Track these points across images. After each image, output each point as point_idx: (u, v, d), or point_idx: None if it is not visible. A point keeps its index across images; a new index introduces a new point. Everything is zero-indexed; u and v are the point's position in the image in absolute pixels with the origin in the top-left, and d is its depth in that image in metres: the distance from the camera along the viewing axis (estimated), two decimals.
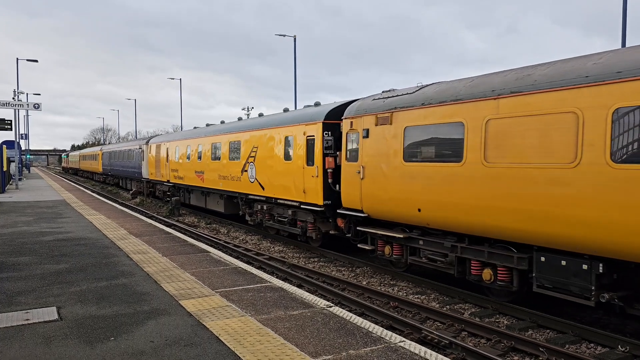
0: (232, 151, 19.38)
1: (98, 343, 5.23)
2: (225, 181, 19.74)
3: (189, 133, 26.00)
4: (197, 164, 23.14)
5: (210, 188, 21.62)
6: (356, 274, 12.80)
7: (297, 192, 14.68)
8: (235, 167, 18.84)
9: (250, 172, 17.53)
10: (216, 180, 20.66)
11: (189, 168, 24.22)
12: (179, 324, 5.79)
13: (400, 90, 11.76)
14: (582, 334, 8.28)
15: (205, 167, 22.03)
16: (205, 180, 21.98)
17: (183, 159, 25.23)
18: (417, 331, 8.47)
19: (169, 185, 28.18)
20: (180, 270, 8.60)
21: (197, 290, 7.28)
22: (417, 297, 10.74)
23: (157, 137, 32.98)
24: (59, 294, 7.13)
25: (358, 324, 5.76)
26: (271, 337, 5.32)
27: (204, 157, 22.37)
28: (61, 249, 10.55)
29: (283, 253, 15.65)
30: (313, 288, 11.42)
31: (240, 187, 18.43)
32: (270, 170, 16.24)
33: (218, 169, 20.51)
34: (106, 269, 8.65)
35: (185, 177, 24.94)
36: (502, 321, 9.24)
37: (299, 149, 14.65)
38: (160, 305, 6.54)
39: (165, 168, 28.22)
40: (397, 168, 10.95)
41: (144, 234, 12.90)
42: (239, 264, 9.13)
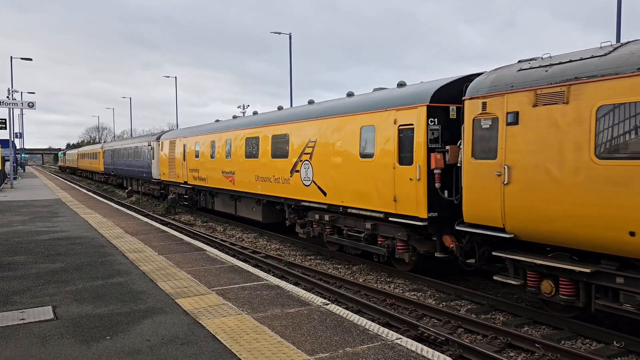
0: (276, 147, 15.96)
1: (94, 342, 5.21)
2: (266, 184, 16.41)
3: (213, 126, 22.16)
4: (225, 163, 19.69)
5: (243, 192, 18.18)
6: (353, 272, 12.81)
7: (381, 200, 11.36)
8: (281, 167, 15.49)
9: (304, 172, 14.22)
10: (252, 183, 17.32)
11: (214, 168, 20.70)
12: (175, 322, 5.78)
13: (569, 54, 8.32)
14: (578, 330, 8.30)
15: (236, 166, 18.63)
16: (237, 182, 18.59)
17: (205, 157, 21.70)
18: (413, 328, 8.48)
19: (187, 187, 24.59)
20: (176, 268, 8.58)
21: (194, 288, 7.27)
22: (413, 294, 10.76)
23: (170, 132, 29.32)
24: (55, 293, 7.11)
25: (355, 321, 5.77)
26: (268, 335, 5.32)
27: (235, 154, 18.82)
28: (56, 248, 10.51)
29: (280, 251, 15.64)
30: (310, 286, 11.42)
31: (288, 192, 15.08)
32: (337, 171, 12.86)
33: (255, 168, 17.09)
34: (102, 268, 8.63)
35: (208, 178, 21.39)
36: (499, 317, 9.27)
37: (386, 142, 11.24)
38: (156, 304, 6.53)
39: (182, 168, 24.70)
40: (581, 169, 7.55)
41: (139, 232, 12.87)
42: (235, 262, 9.12)
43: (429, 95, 10.30)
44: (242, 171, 18.21)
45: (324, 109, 14.01)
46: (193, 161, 23.25)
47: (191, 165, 23.48)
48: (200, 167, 22.37)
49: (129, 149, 36.52)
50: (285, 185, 15.20)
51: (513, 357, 7.48)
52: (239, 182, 18.41)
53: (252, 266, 13.13)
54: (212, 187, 21.19)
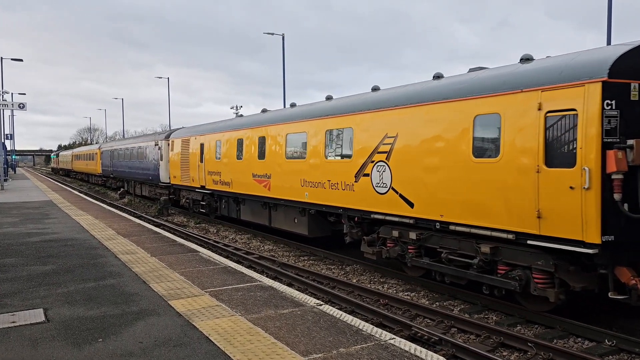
0: (332, 145, 13.26)
1: (86, 345, 5.17)
2: (317, 190, 13.51)
3: (238, 122, 19.29)
4: (256, 165, 16.72)
5: (282, 199, 15.32)
6: (346, 272, 12.81)
7: (512, 216, 8.50)
8: (340, 170, 12.63)
9: (377, 177, 11.25)
10: (296, 189, 14.44)
11: (241, 170, 17.77)
12: (169, 324, 5.75)
13: None
14: (570, 328, 8.35)
15: (273, 169, 15.71)
16: (274, 187, 15.67)
17: (230, 158, 18.79)
18: (407, 328, 8.49)
19: (204, 192, 21.55)
20: (169, 270, 8.54)
21: (187, 290, 7.24)
22: (406, 295, 10.78)
23: (182, 129, 25.85)
24: (46, 295, 7.05)
25: (348, 322, 5.77)
26: (262, 336, 5.30)
27: (271, 154, 15.87)
28: (48, 250, 10.44)
29: (273, 252, 15.62)
30: (303, 287, 11.40)
31: (351, 200, 12.19)
32: (433, 176, 9.84)
33: (301, 171, 14.18)
34: (94, 270, 8.57)
35: (233, 182, 18.51)
36: (491, 317, 9.30)
37: (522, 136, 8.30)
38: (149, 305, 6.49)
39: (199, 170, 21.70)
40: None
41: (132, 234, 12.80)
42: (228, 264, 9.09)
43: (607, 66, 7.29)
44: (281, 175, 15.22)
45: (408, 95, 10.84)
46: (213, 162, 20.26)
47: (210, 167, 20.52)
48: (222, 170, 19.41)
49: (132, 149, 33.56)
50: (346, 192, 12.25)
51: (506, 357, 7.50)
52: (277, 188, 15.45)
53: (246, 267, 13.12)
54: (238, 193, 18.21)
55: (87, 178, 56.14)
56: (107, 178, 43.75)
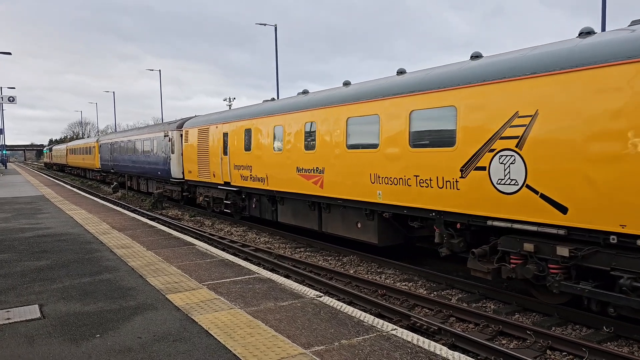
0: (419, 130, 10.25)
1: (83, 341, 5.09)
2: (396, 188, 10.67)
3: (275, 106, 16.05)
4: (302, 157, 13.91)
5: (340, 199, 12.58)
6: (343, 263, 12.79)
7: None
8: (433, 162, 9.82)
9: (501, 170, 8.52)
10: (363, 186, 11.67)
11: (281, 163, 15.03)
12: (167, 318, 5.68)
13: None
14: (568, 316, 8.38)
15: (328, 161, 12.90)
16: (328, 184, 12.89)
17: (264, 149, 16.03)
18: (406, 318, 8.49)
19: (228, 190, 18.99)
20: (165, 263, 8.46)
21: (184, 283, 7.16)
22: (404, 285, 10.77)
23: (199, 117, 22.74)
24: (41, 291, 6.95)
25: (349, 313, 5.72)
26: (262, 329, 5.24)
27: (324, 144, 13.04)
28: (42, 245, 10.31)
29: (269, 244, 15.56)
30: (301, 278, 11.37)
31: (451, 202, 9.48)
32: (607, 170, 7.17)
33: (372, 164, 11.35)
34: (89, 265, 8.47)
35: (269, 177, 15.76)
36: (489, 306, 9.31)
37: None
38: (146, 300, 6.41)
39: (222, 164, 18.96)
40: None
41: (127, 228, 12.69)
42: (225, 256, 9.02)
43: None
44: (340, 169, 12.42)
45: (555, 57, 7.91)
46: (241, 155, 17.53)
47: (237, 161, 17.81)
48: (254, 163, 16.63)
49: (137, 141, 30.64)
50: (445, 191, 9.53)
51: (505, 345, 7.51)
52: (333, 185, 12.72)
53: (243, 260, 13.05)
54: (275, 191, 15.58)
55: (84, 173, 53.15)
56: (106, 173, 40.84)
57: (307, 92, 15.23)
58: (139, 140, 30.16)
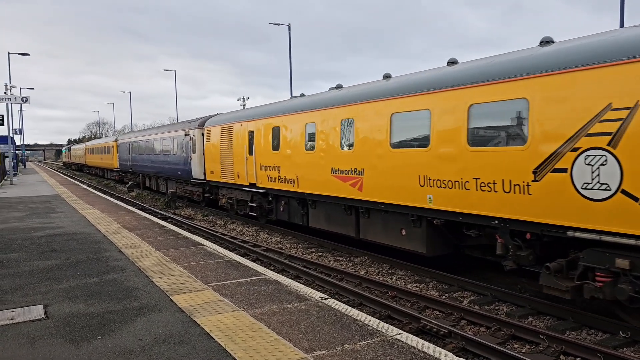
0: (479, 126, 9.19)
1: (84, 342, 5.05)
2: (451, 192, 9.52)
3: (308, 102, 14.81)
4: (339, 157, 12.80)
5: (382, 203, 11.44)
6: (354, 264, 12.68)
7: None
8: (500, 163, 8.63)
9: (587, 173, 7.45)
10: (410, 190, 10.48)
11: (313, 163, 13.94)
12: (170, 320, 5.61)
13: None
14: (583, 320, 8.17)
15: (368, 161, 11.71)
16: (369, 187, 11.72)
17: (295, 148, 14.92)
18: (415, 321, 8.35)
19: (253, 192, 17.89)
20: (172, 264, 8.42)
21: (189, 284, 7.10)
22: (415, 286, 10.62)
23: (221, 115, 21.84)
24: (47, 291, 6.94)
25: (354, 316, 5.59)
26: (264, 332, 5.14)
27: (363, 142, 11.87)
28: (52, 245, 10.36)
29: (280, 244, 15.50)
30: (310, 279, 11.29)
31: (521, 209, 8.36)
32: None
33: (420, 165, 10.18)
34: (97, 265, 8.47)
35: (300, 179, 14.68)
36: (502, 308, 9.12)
37: None
38: (150, 301, 6.36)
39: (247, 164, 17.92)
40: None
41: (137, 227, 12.71)
42: (233, 257, 8.95)
43: None
44: (383, 170, 11.27)
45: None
46: (268, 154, 16.47)
47: (264, 161, 16.75)
48: (283, 164, 15.58)
49: (156, 140, 29.62)
50: (512, 197, 8.35)
51: (517, 349, 7.33)
52: (374, 188, 11.57)
53: (252, 260, 13.00)
54: (306, 193, 14.48)
55: (102, 173, 52.55)
56: (124, 173, 39.83)
57: (341, 87, 14.02)
58: (158, 139, 29.19)
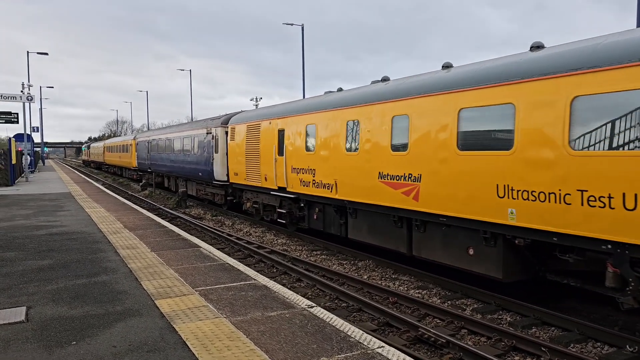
0: (586, 126, 7.36)
1: (57, 348, 4.91)
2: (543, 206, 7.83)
3: (349, 96, 12.98)
4: (389, 160, 11.04)
5: (442, 215, 9.72)
6: (358, 268, 12.45)
7: None
8: (617, 172, 6.91)
9: None
10: (483, 201, 8.76)
11: (356, 167, 12.16)
12: (148, 326, 5.45)
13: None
14: (589, 332, 7.83)
15: (428, 165, 9.95)
16: (427, 196, 10.00)
17: (333, 150, 13.16)
18: (414, 329, 8.11)
19: (283, 196, 16.14)
20: (165, 266, 8.28)
21: (177, 288, 6.95)
22: (418, 292, 10.36)
23: (247, 112, 20.13)
24: (34, 292, 6.85)
25: (338, 326, 5.36)
26: (241, 342, 4.95)
27: (420, 142, 10.13)
28: (50, 244, 10.32)
29: (286, 246, 15.33)
30: (312, 283, 11.11)
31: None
32: None
33: (497, 172, 8.52)
34: (90, 265, 8.37)
35: (340, 184, 12.89)
36: (505, 317, 8.83)
37: None
38: (134, 305, 6.21)
39: (276, 165, 16.20)
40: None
41: (139, 227, 12.64)
42: (227, 260, 8.79)
43: None
44: (446, 176, 9.50)
45: None
46: (301, 156, 14.75)
47: (296, 162, 15.04)
48: (318, 166, 13.85)
49: (175, 139, 28.32)
50: (636, 215, 6.66)
51: None
52: (435, 197, 9.82)
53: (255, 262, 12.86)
54: (346, 201, 12.78)
55: (120, 172, 51.43)
56: (142, 173, 38.20)
57: (388, 80, 12.34)
58: (178, 138, 27.78)
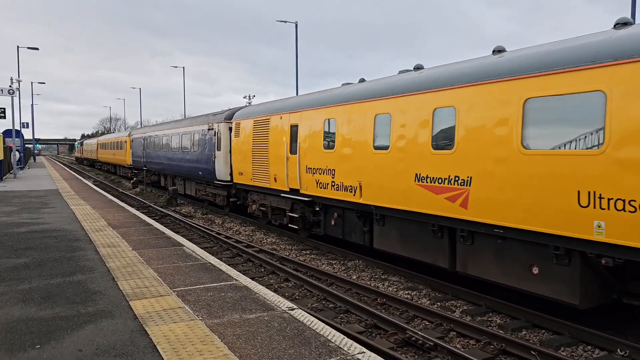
0: None
1: (20, 352, 4.64)
2: None
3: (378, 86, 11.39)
4: (427, 159, 9.61)
5: (499, 227, 8.32)
6: (347, 268, 12.23)
7: None
8: None
9: None
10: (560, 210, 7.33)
11: (387, 167, 10.62)
12: (119, 329, 5.19)
13: None
14: (580, 335, 7.64)
15: (480, 166, 8.53)
16: (478, 202, 8.60)
17: (357, 147, 11.66)
18: (401, 331, 7.89)
19: (296, 199, 14.55)
20: (144, 265, 8.01)
21: (154, 289, 6.68)
22: (407, 293, 10.15)
23: (253, 107, 18.51)
24: (4, 292, 6.56)
25: (318, 330, 5.12)
26: (215, 346, 4.69)
27: (470, 139, 8.72)
28: (29, 242, 10.01)
29: (275, 245, 15.09)
30: (299, 283, 10.88)
31: None
32: None
33: (577, 176, 7.11)
34: (66, 264, 8.08)
35: (366, 186, 11.35)
36: (495, 320, 8.63)
37: None
38: (107, 306, 5.95)
39: (287, 165, 14.73)
40: None
41: (123, 225, 12.34)
42: (209, 259, 8.53)
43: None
44: (507, 179, 8.04)
45: None
46: (318, 154, 13.26)
47: (312, 162, 13.55)
48: (339, 166, 12.35)
49: (173, 135, 26.75)
50: None
51: None
52: (488, 205, 8.37)
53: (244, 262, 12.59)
54: (373, 206, 11.25)
55: (114, 170, 49.76)
56: (138, 171, 36.20)
57: (422, 68, 10.95)
58: (177, 134, 26.15)
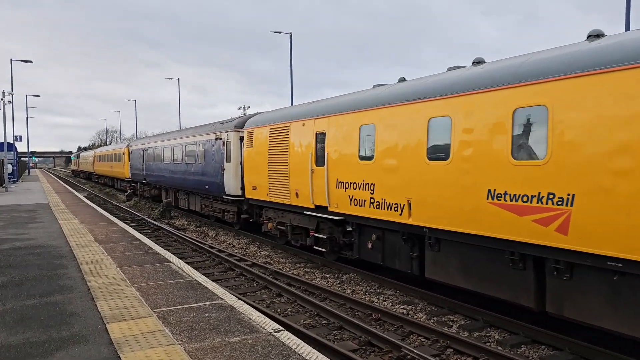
0: None
1: None
2: None
3: (421, 86, 9.79)
4: (505, 171, 7.63)
5: (615, 258, 6.23)
6: (342, 282, 11.91)
7: None
8: None
9: None
10: None
11: (441, 181, 8.86)
12: (92, 355, 4.85)
13: None
14: (582, 351, 7.33)
15: (586, 181, 6.48)
16: (584, 227, 6.56)
17: (404, 158, 9.82)
18: (396, 349, 7.56)
19: (323, 218, 12.61)
20: (127, 284, 7.67)
21: (134, 310, 6.34)
22: (403, 308, 9.84)
23: (268, 114, 16.57)
24: None
25: (304, 355, 4.79)
26: None
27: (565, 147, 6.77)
28: (10, 259, 9.66)
29: (269, 258, 14.77)
30: (292, 298, 10.56)
31: None
32: None
33: None
34: (46, 283, 7.74)
35: (417, 204, 9.49)
36: (493, 335, 8.32)
37: None
38: (82, 330, 5.61)
39: (312, 178, 12.80)
40: None
41: (110, 240, 12.00)
42: (195, 277, 8.19)
43: None
44: (623, 198, 6.16)
45: None
46: (352, 165, 11.34)
47: (344, 175, 11.61)
48: (379, 180, 10.50)
49: (176, 146, 24.79)
50: None
51: None
52: (600, 230, 6.43)
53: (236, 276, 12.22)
54: (426, 228, 9.35)
55: (112, 183, 47.66)
56: (137, 184, 34.14)
57: (482, 62, 9.11)
58: (179, 145, 24.20)
